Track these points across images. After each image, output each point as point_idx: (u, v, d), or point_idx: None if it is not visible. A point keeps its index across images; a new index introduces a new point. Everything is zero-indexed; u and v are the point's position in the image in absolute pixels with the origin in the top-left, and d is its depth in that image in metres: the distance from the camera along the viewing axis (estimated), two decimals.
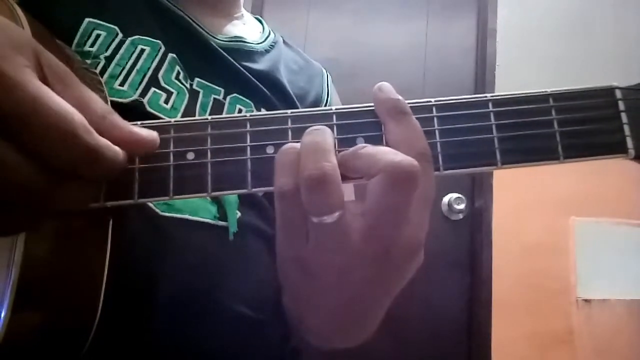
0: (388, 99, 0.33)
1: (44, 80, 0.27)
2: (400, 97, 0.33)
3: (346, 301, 0.33)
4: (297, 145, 0.30)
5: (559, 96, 0.34)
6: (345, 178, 0.30)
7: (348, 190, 0.30)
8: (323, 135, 0.30)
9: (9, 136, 0.25)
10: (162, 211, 0.44)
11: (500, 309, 1.79)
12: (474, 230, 1.87)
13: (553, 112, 0.34)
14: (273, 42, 0.65)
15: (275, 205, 0.31)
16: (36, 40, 0.29)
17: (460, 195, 1.84)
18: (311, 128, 0.31)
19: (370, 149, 0.30)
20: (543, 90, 0.34)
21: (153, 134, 0.31)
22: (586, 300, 1.83)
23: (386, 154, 0.29)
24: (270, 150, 0.32)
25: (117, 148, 0.29)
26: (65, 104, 0.26)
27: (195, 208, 0.46)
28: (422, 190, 0.30)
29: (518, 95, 0.34)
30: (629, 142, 0.33)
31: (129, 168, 0.31)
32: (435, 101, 0.34)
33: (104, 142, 0.28)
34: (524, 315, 1.81)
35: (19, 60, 0.26)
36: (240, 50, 0.59)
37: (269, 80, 0.58)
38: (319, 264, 0.31)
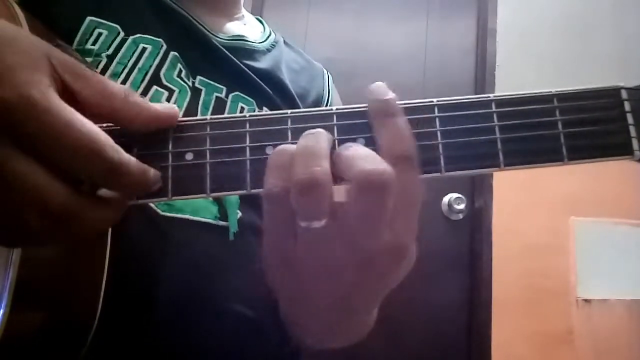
0: (375, 100, 0.32)
1: (62, 83, 0.28)
2: (389, 98, 0.32)
3: (333, 303, 0.33)
4: (292, 147, 0.30)
5: (563, 96, 0.33)
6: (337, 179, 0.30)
7: (340, 191, 0.29)
8: (317, 139, 0.30)
9: (39, 158, 0.26)
10: (162, 211, 0.44)
11: (500, 309, 1.79)
12: (474, 230, 1.87)
13: (557, 113, 0.33)
14: (274, 42, 0.65)
15: (264, 206, 0.30)
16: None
17: (460, 195, 1.84)
18: (308, 131, 0.31)
19: (350, 151, 0.30)
20: (547, 90, 0.33)
21: (173, 109, 0.32)
22: (586, 300, 1.83)
23: (359, 159, 0.29)
24: (269, 150, 0.32)
25: (147, 168, 0.30)
26: (91, 125, 0.27)
27: (196, 208, 0.46)
28: (404, 195, 0.30)
29: (522, 96, 0.33)
30: (635, 144, 0.33)
31: None
32: (438, 101, 0.33)
33: (131, 159, 0.29)
34: (524, 315, 1.81)
35: (42, 80, 0.26)
36: (242, 49, 0.59)
37: (271, 78, 0.58)
38: (306, 267, 0.31)
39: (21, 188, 0.25)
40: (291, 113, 0.33)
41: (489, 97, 0.33)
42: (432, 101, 0.33)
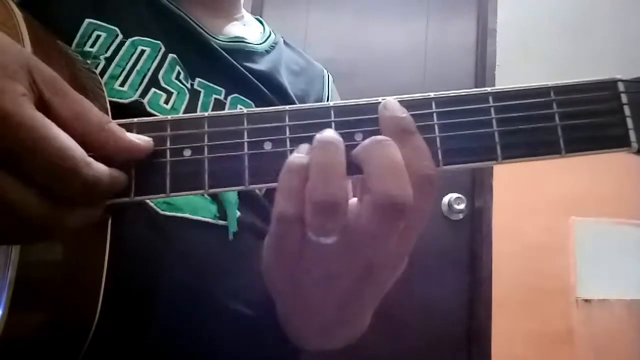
0: (393, 117, 0.31)
1: (40, 96, 0.27)
2: (405, 115, 0.31)
3: (330, 311, 0.33)
4: (304, 158, 0.29)
5: (560, 89, 0.33)
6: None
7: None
8: (335, 154, 0.29)
9: (14, 171, 0.25)
10: (162, 210, 0.44)
11: (500, 309, 1.79)
12: (474, 230, 1.87)
13: (554, 106, 0.33)
14: (274, 43, 0.65)
15: (273, 225, 0.30)
16: (29, 48, 0.29)
17: (460, 195, 1.84)
18: (322, 139, 0.29)
19: (380, 157, 0.29)
20: (544, 83, 0.34)
21: (149, 143, 0.31)
22: (586, 300, 1.82)
23: (387, 176, 0.28)
24: (267, 146, 0.32)
25: (115, 174, 0.29)
26: (66, 139, 0.26)
27: (196, 207, 0.46)
28: (418, 213, 0.30)
29: (519, 89, 0.33)
30: (632, 136, 0.33)
31: (125, 165, 0.31)
32: (435, 95, 0.33)
33: (103, 171, 0.28)
34: (524, 315, 1.81)
35: (17, 89, 0.26)
36: (241, 51, 0.58)
37: (270, 80, 0.58)
38: (309, 279, 0.31)
39: None
40: (289, 109, 0.33)
41: (486, 90, 0.33)
42: (429, 95, 0.33)
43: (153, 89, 0.47)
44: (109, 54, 0.46)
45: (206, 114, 0.33)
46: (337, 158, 0.29)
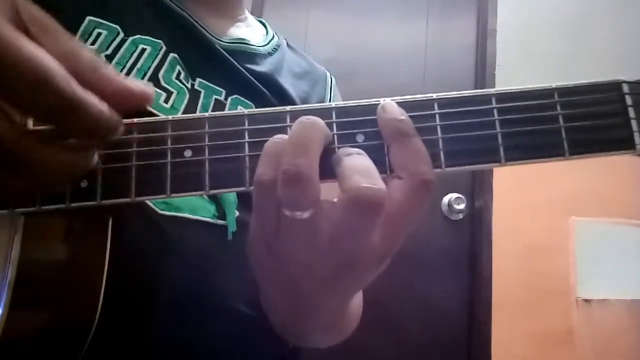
0: (391, 119, 0.32)
1: (26, 33, 0.25)
2: (404, 117, 0.31)
3: (302, 295, 0.33)
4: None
5: (564, 91, 0.33)
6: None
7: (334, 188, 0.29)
8: (310, 129, 0.29)
9: None
10: (161, 210, 0.44)
11: (500, 309, 1.79)
12: (474, 230, 1.87)
13: (558, 107, 0.33)
14: (276, 45, 0.65)
15: (253, 192, 0.30)
16: None
17: (460, 195, 1.84)
18: (303, 118, 0.30)
19: (349, 160, 0.30)
20: (548, 85, 0.33)
21: (147, 89, 0.29)
22: (586, 300, 1.82)
23: (356, 173, 0.28)
24: None
25: (104, 105, 0.26)
26: (38, 51, 0.24)
27: (194, 207, 0.46)
28: (409, 215, 0.30)
29: (522, 90, 0.33)
30: (637, 138, 0.33)
31: (125, 166, 0.31)
32: (437, 96, 0.33)
33: (87, 95, 0.25)
34: (524, 315, 1.81)
35: None
36: (243, 52, 0.58)
37: (271, 82, 0.58)
38: (285, 254, 0.31)
39: None
40: (290, 109, 0.33)
41: (489, 92, 0.33)
42: (431, 96, 0.33)
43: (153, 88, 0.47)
44: (109, 52, 0.46)
45: (207, 114, 0.33)
46: (309, 133, 0.29)
